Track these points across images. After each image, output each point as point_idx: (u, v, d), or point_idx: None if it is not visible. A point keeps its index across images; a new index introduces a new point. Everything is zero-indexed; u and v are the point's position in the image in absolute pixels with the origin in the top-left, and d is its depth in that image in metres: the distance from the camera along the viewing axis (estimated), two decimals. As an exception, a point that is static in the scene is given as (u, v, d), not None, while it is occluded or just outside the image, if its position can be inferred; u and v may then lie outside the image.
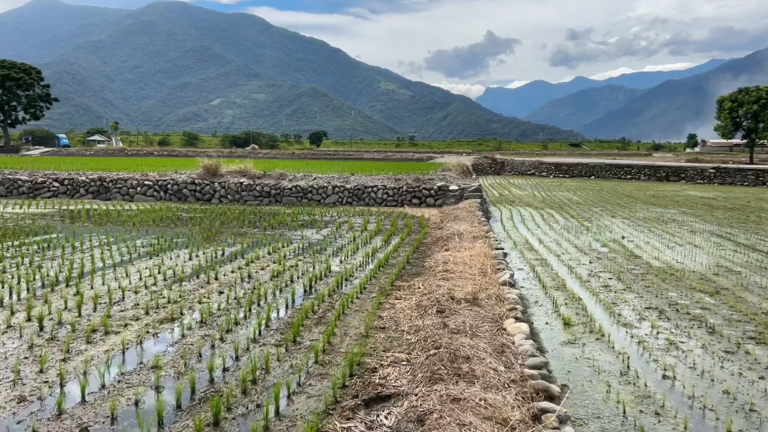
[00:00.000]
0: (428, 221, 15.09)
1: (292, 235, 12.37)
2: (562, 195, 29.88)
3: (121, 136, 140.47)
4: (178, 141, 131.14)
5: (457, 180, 20.12)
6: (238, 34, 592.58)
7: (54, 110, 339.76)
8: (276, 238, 11.56)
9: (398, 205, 18.69)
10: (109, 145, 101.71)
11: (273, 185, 18.81)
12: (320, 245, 11.00)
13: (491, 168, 53.79)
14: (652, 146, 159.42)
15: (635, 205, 25.00)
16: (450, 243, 10.28)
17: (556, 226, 17.29)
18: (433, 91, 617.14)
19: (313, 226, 13.73)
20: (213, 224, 13.82)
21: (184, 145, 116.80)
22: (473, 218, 14.20)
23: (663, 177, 46.30)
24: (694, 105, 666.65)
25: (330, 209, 17.65)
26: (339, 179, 19.28)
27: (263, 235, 12.29)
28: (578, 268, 10.84)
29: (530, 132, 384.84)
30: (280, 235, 12.31)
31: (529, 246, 13.39)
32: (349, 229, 13.32)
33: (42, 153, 65.21)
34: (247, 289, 7.33)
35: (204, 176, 19.22)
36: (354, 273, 8.52)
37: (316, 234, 12.53)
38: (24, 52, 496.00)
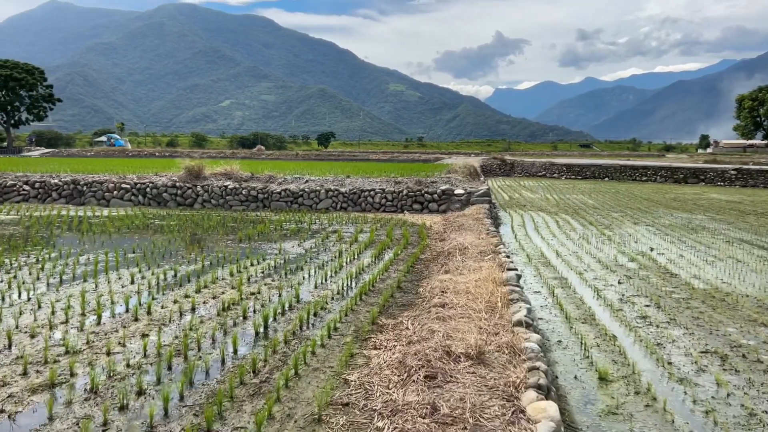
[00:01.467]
0: (429, 230, 13.31)
1: (269, 248, 10.64)
2: (576, 198, 28.00)
3: (129, 137, 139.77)
4: (187, 142, 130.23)
5: (463, 183, 18.31)
6: (247, 36, 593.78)
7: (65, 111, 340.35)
8: (248, 253, 9.82)
9: (398, 211, 16.92)
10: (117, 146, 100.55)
11: (260, 189, 17.11)
12: (298, 262, 9.26)
13: (500, 169, 51.91)
14: (663, 147, 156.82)
15: (657, 209, 23.08)
16: (452, 261, 8.50)
17: (574, 235, 15.46)
18: (442, 92, 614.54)
19: (297, 237, 11.99)
20: (183, 234, 12.13)
21: (192, 146, 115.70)
22: (480, 227, 12.40)
23: (681, 179, 44.21)
24: (705, 106, 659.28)
25: (321, 215, 15.91)
26: (333, 182, 17.54)
27: (235, 248, 10.58)
28: (606, 290, 9.02)
29: (540, 133, 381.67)
30: (254, 248, 10.58)
31: (546, 260, 11.58)
32: (338, 241, 11.57)
33: (42, 154, 64.02)
34: (179, 331, 5.60)
35: (186, 179, 17.55)
36: (328, 304, 6.76)
37: (297, 247, 10.79)
38: (35, 54, 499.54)
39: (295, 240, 11.58)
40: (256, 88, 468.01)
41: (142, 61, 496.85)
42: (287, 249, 10.52)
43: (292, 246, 10.87)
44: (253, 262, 9.09)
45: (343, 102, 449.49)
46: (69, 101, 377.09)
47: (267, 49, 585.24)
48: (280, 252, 10.15)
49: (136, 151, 68.04)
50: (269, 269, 8.66)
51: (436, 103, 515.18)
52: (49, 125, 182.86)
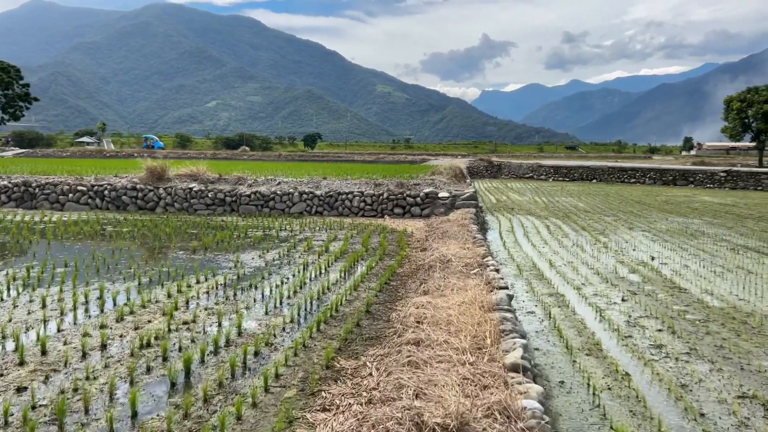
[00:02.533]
0: (410, 238, 12.06)
1: (225, 260, 9.31)
2: (565, 201, 26.96)
3: (112, 137, 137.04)
4: (171, 143, 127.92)
5: (448, 185, 17.09)
6: (234, 37, 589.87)
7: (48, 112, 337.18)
8: (197, 267, 8.49)
9: (378, 216, 15.65)
10: (99, 146, 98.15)
11: (228, 191, 15.75)
12: (253, 279, 7.95)
13: (487, 171, 50.96)
14: (648, 149, 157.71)
15: (650, 213, 22.07)
16: (432, 278, 7.25)
17: (567, 241, 14.30)
18: (429, 93, 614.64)
19: (261, 246, 10.67)
20: (132, 244, 10.76)
21: (176, 147, 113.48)
22: (466, 235, 11.17)
23: (670, 181, 43.50)
24: (689, 108, 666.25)
25: (294, 221, 14.59)
26: (308, 184, 16.21)
27: (187, 260, 9.25)
28: (610, 310, 7.83)
29: (526, 135, 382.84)
30: (208, 260, 9.26)
31: (538, 272, 10.38)
32: (306, 251, 10.27)
33: (15, 154, 61.97)
34: (69, 382, 4.27)
35: (147, 180, 16.14)
36: (276, 337, 5.46)
37: (257, 259, 9.47)
38: (19, 54, 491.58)
39: (258, 250, 10.26)
40: (242, 89, 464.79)
41: (128, 61, 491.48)
42: (246, 261, 9.19)
43: (252, 258, 9.55)
44: (200, 278, 7.76)
45: (331, 103, 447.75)
46: (52, 101, 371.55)
47: (254, 50, 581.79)
48: (236, 265, 8.82)
49: (113, 152, 66.11)
50: (216, 288, 7.34)
51: (423, 105, 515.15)
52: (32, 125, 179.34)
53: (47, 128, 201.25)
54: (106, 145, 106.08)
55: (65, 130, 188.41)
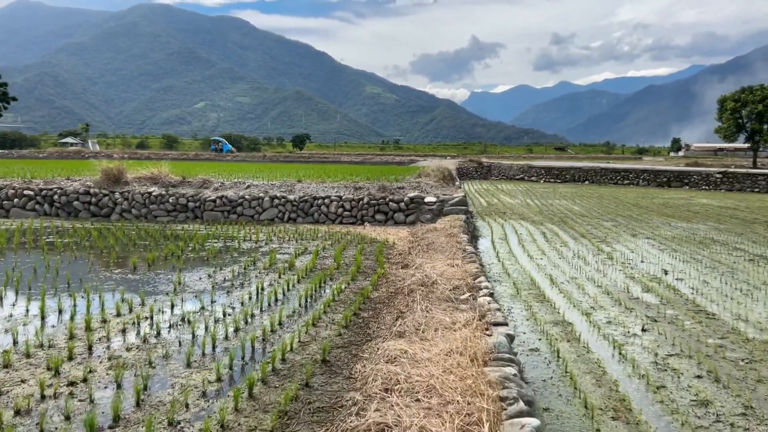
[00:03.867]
0: (391, 250, 10.55)
1: (166, 281, 7.75)
2: (559, 204, 25.62)
3: (97, 138, 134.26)
4: (157, 144, 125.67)
5: (435, 189, 15.60)
6: (223, 37, 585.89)
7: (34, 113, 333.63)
8: (123, 293, 6.92)
9: (357, 222, 14.12)
10: (84, 147, 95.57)
11: (191, 196, 14.15)
12: (188, 310, 6.41)
13: (477, 172, 49.67)
14: (637, 150, 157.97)
15: (651, 217, 20.73)
16: (412, 310, 5.75)
17: (567, 251, 12.87)
18: (419, 95, 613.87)
19: (215, 262, 9.12)
20: (61, 260, 9.17)
21: (163, 147, 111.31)
22: (454, 247, 9.70)
23: (664, 182, 42.39)
24: (676, 109, 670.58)
25: (263, 229, 13.03)
26: (280, 188, 14.64)
27: (119, 281, 7.69)
28: (631, 345, 6.37)
29: (515, 136, 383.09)
30: (143, 282, 7.70)
31: (538, 292, 8.93)
32: (266, 268, 8.73)
33: (-11, 156, 59.67)
34: None
35: (103, 184, 14.51)
36: (186, 410, 3.92)
37: (205, 280, 7.92)
38: (4, 54, 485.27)
39: (210, 267, 8.70)
40: (231, 89, 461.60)
41: (115, 62, 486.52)
42: (189, 283, 7.63)
43: (200, 278, 7.99)
44: (122, 309, 6.19)
45: (320, 104, 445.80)
46: (38, 102, 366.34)
47: (243, 51, 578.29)
48: (175, 289, 7.26)
49: (93, 154, 63.99)
50: (138, 324, 5.78)
51: (412, 106, 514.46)
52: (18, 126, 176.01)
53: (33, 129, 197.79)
54: (91, 146, 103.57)
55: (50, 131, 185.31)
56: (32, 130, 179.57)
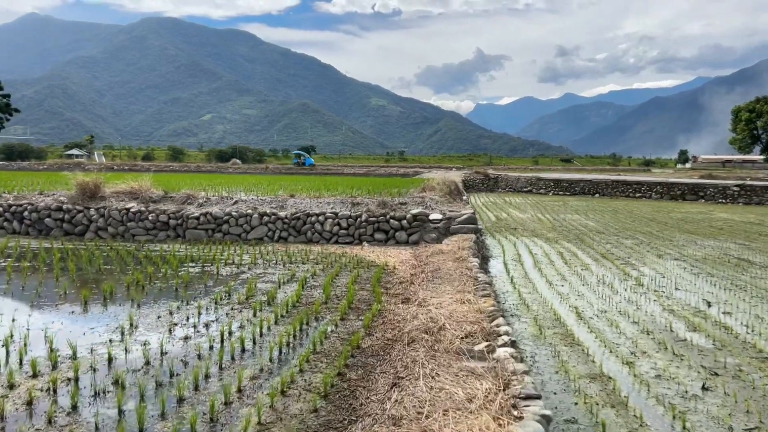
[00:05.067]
0: (390, 278, 9.16)
1: (114, 323, 6.39)
2: (572, 219, 24.20)
3: (104, 150, 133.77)
4: (163, 156, 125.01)
5: (441, 204, 14.22)
6: (230, 50, 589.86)
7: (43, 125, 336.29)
8: (52, 341, 5.55)
9: (354, 242, 12.75)
10: (90, 159, 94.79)
11: (173, 212, 12.84)
12: (131, 367, 5.04)
13: (483, 184, 48.31)
14: (643, 162, 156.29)
15: (672, 234, 19.28)
16: (413, 374, 4.36)
17: (589, 276, 11.45)
18: (423, 107, 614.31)
19: (183, 295, 7.76)
20: (3, 291, 7.83)
21: (169, 159, 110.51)
22: (464, 275, 8.32)
23: (678, 195, 40.83)
24: (683, 121, 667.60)
25: (249, 249, 11.68)
26: (271, 203, 13.31)
27: (60, 322, 6.35)
28: (695, 414, 4.94)
29: (520, 147, 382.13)
30: (90, 322, 6.36)
31: (565, 331, 7.51)
32: (242, 302, 7.36)
33: (-12, 168, 58.85)
34: None
35: (78, 199, 13.24)
36: None
37: (165, 318, 6.55)
38: (14, 67, 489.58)
39: (174, 301, 7.34)
40: (237, 102, 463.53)
41: (123, 75, 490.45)
42: (142, 325, 6.27)
43: (158, 317, 6.63)
44: (42, 367, 4.83)
45: (326, 116, 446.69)
46: (47, 114, 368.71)
47: (249, 64, 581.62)
48: (123, 334, 5.89)
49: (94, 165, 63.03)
50: (52, 393, 4.41)
51: (417, 118, 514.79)
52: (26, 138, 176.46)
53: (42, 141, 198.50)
54: (96, 157, 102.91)
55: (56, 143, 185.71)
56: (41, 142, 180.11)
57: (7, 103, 77.69)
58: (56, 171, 55.69)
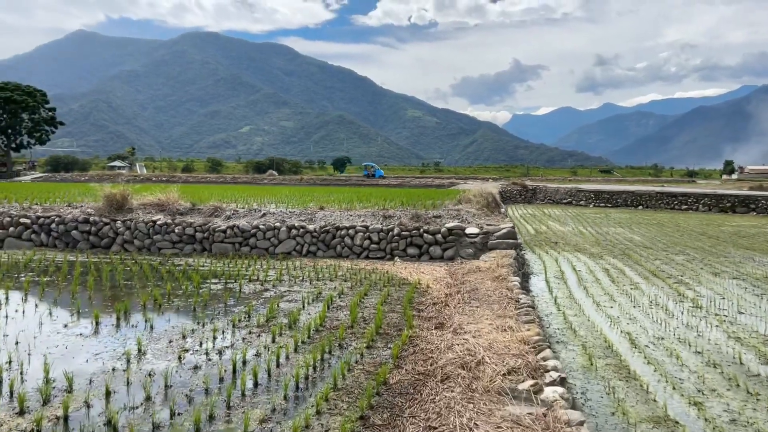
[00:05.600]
0: (423, 298, 8.48)
1: (122, 348, 5.91)
2: (616, 232, 23.06)
3: (145, 161, 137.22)
4: (203, 167, 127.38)
5: (478, 217, 13.47)
6: (268, 64, 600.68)
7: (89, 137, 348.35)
8: (48, 368, 5.07)
9: (386, 257, 12.12)
10: (132, 171, 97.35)
11: (200, 225, 12.48)
12: (130, 403, 4.51)
13: (521, 196, 47.09)
14: (687, 172, 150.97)
15: (726, 249, 18.01)
16: (444, 427, 3.68)
17: (640, 296, 10.53)
18: (459, 117, 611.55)
19: (201, 315, 7.25)
20: (16, 310, 7.48)
21: (208, 171, 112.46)
22: (504, 297, 7.58)
23: (728, 208, 38.84)
24: (728, 131, 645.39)
25: (276, 265, 11.18)
26: (300, 216, 12.82)
27: (66, 346, 5.90)
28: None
29: (558, 158, 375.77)
30: (97, 347, 5.90)
31: (618, 361, 6.68)
32: (261, 325, 6.80)
33: (33, 179, 60.81)
34: None
35: (104, 211, 13.02)
36: None
37: (176, 343, 6.04)
38: (62, 82, 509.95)
39: (191, 322, 6.84)
40: (275, 114, 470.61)
41: (165, 88, 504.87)
42: (151, 352, 5.76)
43: (169, 341, 6.12)
44: (32, 402, 4.34)
45: (361, 128, 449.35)
46: (93, 127, 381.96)
47: (287, 77, 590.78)
48: (128, 362, 5.39)
49: (131, 176, 64.41)
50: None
51: (453, 129, 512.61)
52: (73, 150, 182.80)
53: (87, 153, 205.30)
54: (138, 169, 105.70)
55: (101, 155, 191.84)
56: (86, 154, 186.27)
57: (52, 117, 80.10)
58: (97, 182, 57.15)
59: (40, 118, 77.81)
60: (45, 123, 78.75)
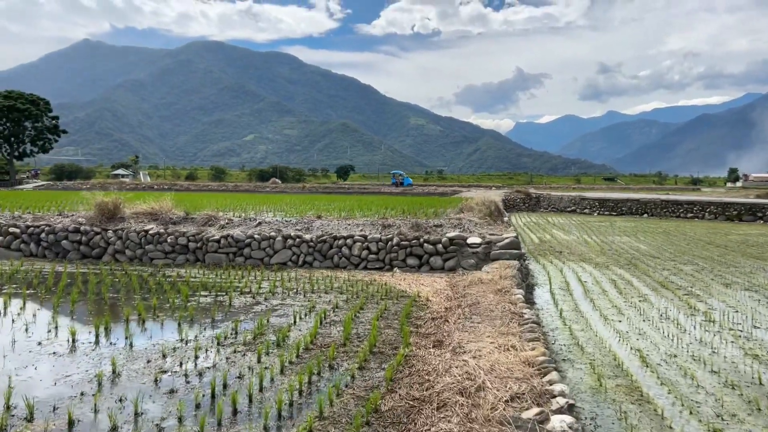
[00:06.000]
0: (422, 312, 8.06)
1: (94, 370, 5.51)
2: (621, 241, 22.59)
3: (148, 170, 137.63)
4: (206, 175, 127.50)
5: (480, 227, 13.06)
6: (272, 72, 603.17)
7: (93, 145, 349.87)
8: (9, 395, 4.67)
9: (385, 268, 11.70)
10: (136, 179, 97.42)
11: (193, 235, 12.11)
12: None
13: (524, 204, 46.63)
14: (690, 180, 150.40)
15: (736, 259, 17.53)
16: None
17: (649, 309, 10.08)
18: (463, 125, 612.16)
19: (182, 331, 6.85)
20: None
21: (212, 179, 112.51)
22: (507, 311, 7.16)
23: (734, 216, 38.28)
24: (732, 139, 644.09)
25: (271, 275, 10.78)
26: (296, 225, 12.43)
27: (35, 367, 5.48)
28: None
29: (561, 166, 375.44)
30: (67, 368, 5.50)
31: (630, 383, 6.24)
32: (248, 343, 6.39)
33: (36, 187, 60.64)
34: None
35: (96, 220, 12.67)
36: None
37: (155, 362, 5.64)
38: (68, 91, 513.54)
39: (173, 339, 6.43)
40: (279, 122, 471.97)
41: (169, 97, 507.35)
42: (126, 374, 5.36)
43: (147, 361, 5.71)
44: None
45: (365, 136, 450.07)
46: (98, 136, 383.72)
47: (291, 85, 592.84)
48: (99, 385, 4.99)
49: (133, 185, 64.23)
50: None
51: (457, 137, 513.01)
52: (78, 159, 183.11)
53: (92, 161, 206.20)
54: (142, 177, 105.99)
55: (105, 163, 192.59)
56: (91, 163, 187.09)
57: (55, 125, 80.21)
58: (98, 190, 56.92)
59: (43, 127, 77.92)
60: (48, 131, 78.88)
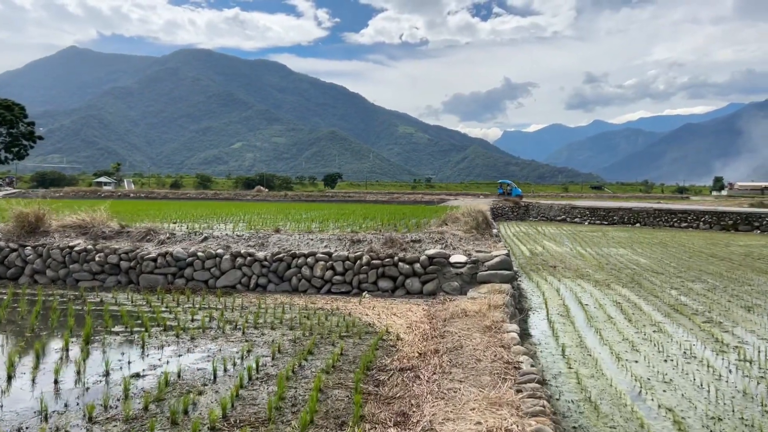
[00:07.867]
0: (387, 361, 6.20)
1: None
2: (618, 254, 20.99)
3: (134, 177, 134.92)
4: (192, 183, 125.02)
5: (466, 242, 11.26)
6: (260, 80, 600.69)
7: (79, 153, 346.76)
8: None
9: (353, 291, 9.85)
10: (120, 187, 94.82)
11: (126, 252, 10.20)
12: None
13: (513, 213, 45.09)
14: (677, 189, 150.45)
15: (746, 275, 15.93)
16: None
17: (667, 342, 8.34)
18: (451, 134, 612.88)
19: (50, 398, 4.95)
20: None
21: (197, 187, 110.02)
22: (497, 362, 5.36)
23: (730, 225, 36.92)
24: (717, 148, 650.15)
25: (211, 302, 8.88)
26: (249, 241, 10.56)
27: None
28: None
29: (549, 174, 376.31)
30: None
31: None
32: (130, 421, 4.51)
33: (5, 194, 58.06)
34: None
35: (14, 234, 10.73)
36: None
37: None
38: (54, 97, 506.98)
39: (37, 404, 4.55)
40: (267, 130, 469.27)
41: (157, 105, 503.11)
42: None
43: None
44: None
45: (353, 144, 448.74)
46: (83, 143, 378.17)
47: (279, 93, 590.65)
48: None
49: (109, 192, 61.88)
50: None
51: (445, 145, 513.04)
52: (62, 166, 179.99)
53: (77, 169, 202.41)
54: (126, 185, 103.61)
55: (89, 171, 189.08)
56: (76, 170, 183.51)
57: (31, 131, 77.67)
58: (71, 199, 54.50)
59: (18, 133, 75.34)
60: (23, 137, 76.30)
